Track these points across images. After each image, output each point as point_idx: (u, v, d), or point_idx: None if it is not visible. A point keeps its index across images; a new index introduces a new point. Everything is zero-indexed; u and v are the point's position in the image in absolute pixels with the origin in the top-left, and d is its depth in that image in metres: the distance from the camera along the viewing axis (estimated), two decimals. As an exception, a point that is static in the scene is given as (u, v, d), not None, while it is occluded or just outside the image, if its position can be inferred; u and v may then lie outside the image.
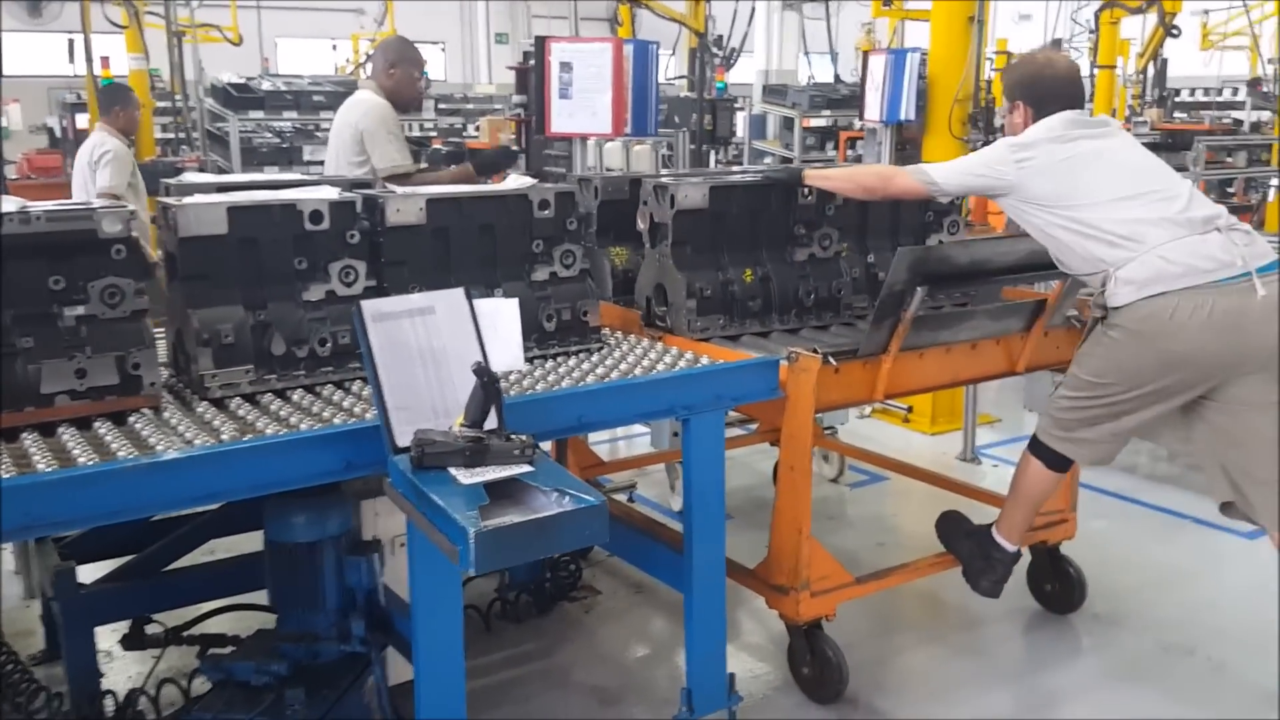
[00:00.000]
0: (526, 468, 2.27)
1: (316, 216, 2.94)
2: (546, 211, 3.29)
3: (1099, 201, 3.16)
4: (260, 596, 3.33)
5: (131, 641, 3.15)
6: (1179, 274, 3.02)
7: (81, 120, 9.02)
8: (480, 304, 2.54)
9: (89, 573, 3.29)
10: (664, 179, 3.61)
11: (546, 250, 3.31)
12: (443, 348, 2.47)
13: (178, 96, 8.54)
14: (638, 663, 3.80)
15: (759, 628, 3.91)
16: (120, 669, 3.55)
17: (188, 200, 2.86)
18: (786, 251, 3.70)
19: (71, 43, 11.67)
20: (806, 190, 3.66)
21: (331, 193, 3.04)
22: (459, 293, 2.54)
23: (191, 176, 3.62)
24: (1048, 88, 3.38)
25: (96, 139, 6.46)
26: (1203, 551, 4.66)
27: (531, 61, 4.76)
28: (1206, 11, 17.30)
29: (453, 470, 2.24)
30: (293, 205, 2.93)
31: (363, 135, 4.44)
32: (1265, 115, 12.26)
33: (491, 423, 2.33)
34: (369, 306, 2.41)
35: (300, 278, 2.95)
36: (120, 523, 2.37)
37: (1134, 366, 3.13)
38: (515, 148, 5.23)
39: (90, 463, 2.29)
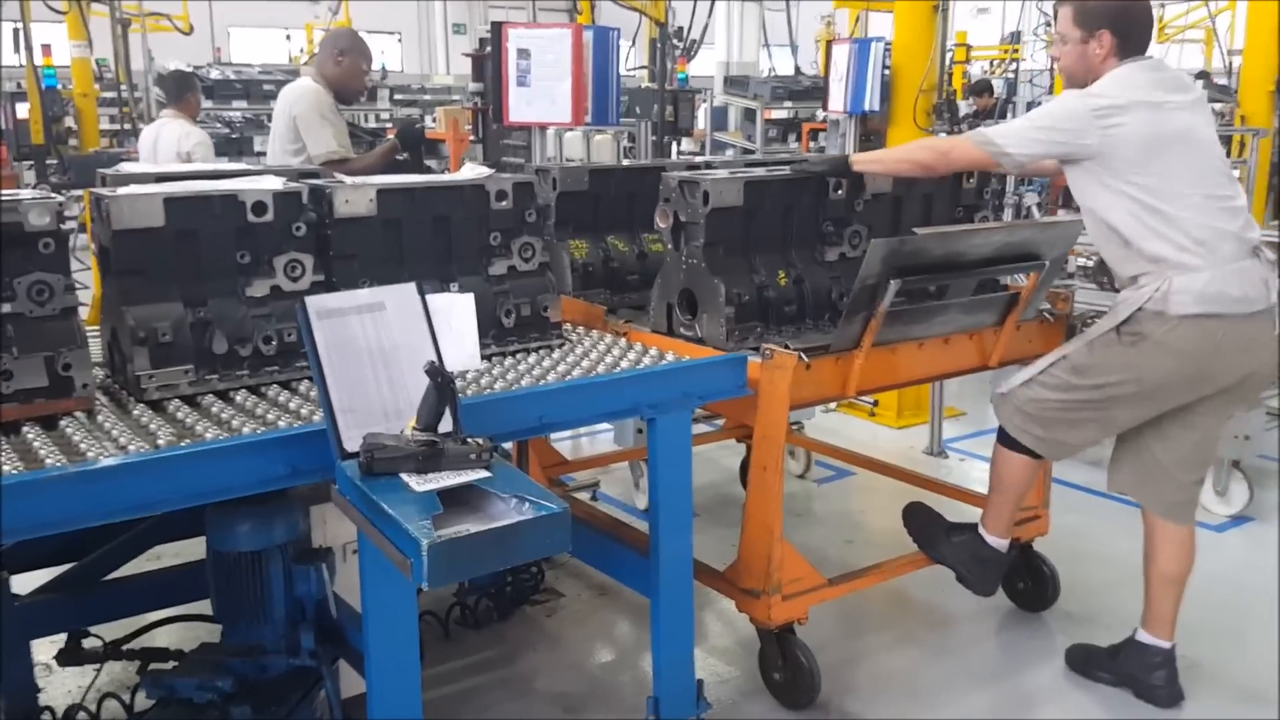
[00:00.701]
0: (483, 473, 2.14)
1: (260, 208, 2.78)
2: (504, 203, 3.16)
3: (1184, 194, 2.95)
4: (205, 606, 3.19)
5: (68, 657, 2.98)
6: (1237, 299, 2.95)
7: (22, 110, 8.73)
8: (434, 299, 2.41)
9: (23, 583, 3.12)
10: (688, 174, 3.32)
11: (504, 243, 3.17)
12: (394, 346, 2.34)
13: (123, 86, 8.26)
14: (603, 668, 3.69)
15: (726, 630, 3.81)
16: (59, 683, 3.38)
17: (122, 191, 2.70)
18: (816, 251, 3.46)
19: (16, 32, 11.36)
20: (835, 184, 3.42)
21: (276, 183, 2.90)
22: (410, 288, 2.40)
23: (129, 166, 3.45)
24: (1137, 20, 3.09)
25: (180, 128, 6.24)
26: (1172, 545, 4.60)
27: (488, 49, 4.63)
28: (1163, 5, 17.43)
29: (404, 477, 2.11)
30: (234, 196, 2.77)
31: (296, 121, 4.34)
32: (1216, 106, 12.32)
33: (446, 425, 2.21)
34: (314, 302, 2.27)
35: (243, 272, 2.79)
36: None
37: (1158, 380, 3.03)
38: (472, 138, 5.12)
39: (16, 471, 2.13)
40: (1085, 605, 3.97)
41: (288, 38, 20.54)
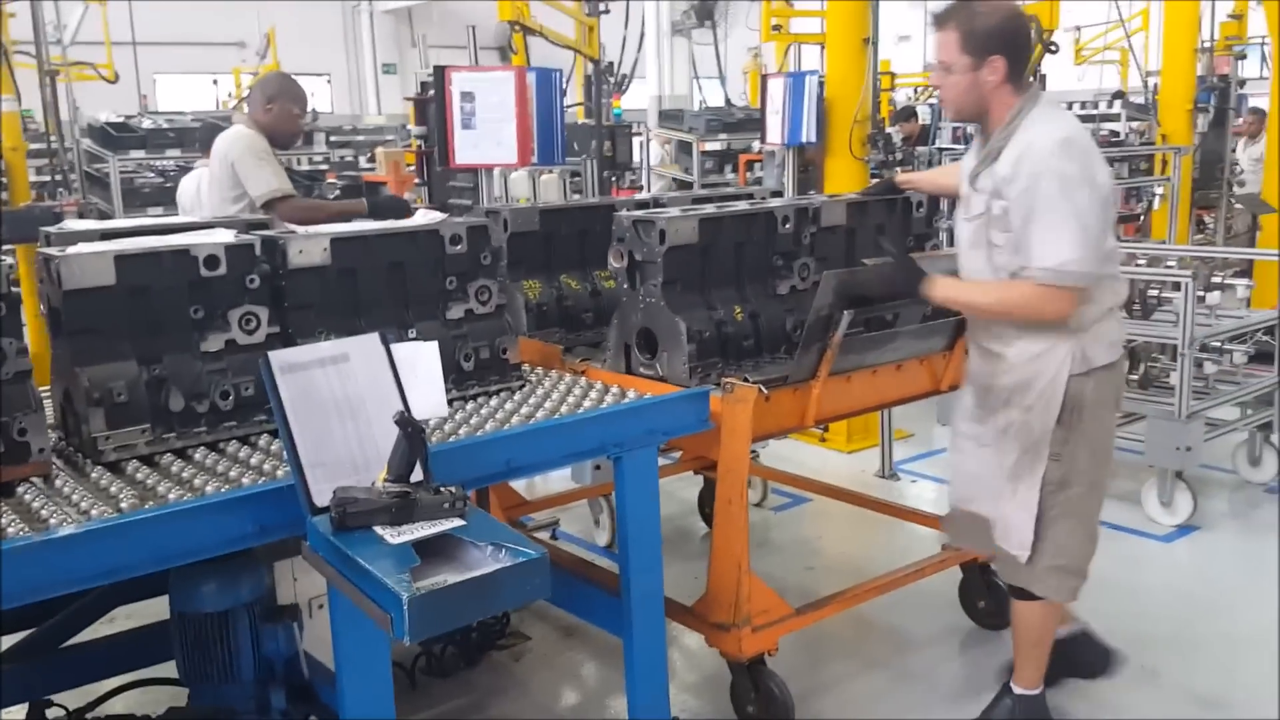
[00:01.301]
0: (458, 522, 2.13)
1: (212, 262, 2.75)
2: (459, 246, 3.16)
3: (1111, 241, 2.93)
4: (170, 668, 3.12)
5: (27, 730, 2.90)
6: (1124, 339, 3.05)
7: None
8: (398, 349, 2.39)
9: (-25, 656, 3.03)
10: (642, 213, 3.35)
11: (460, 287, 3.17)
12: (359, 397, 2.32)
13: (53, 138, 8.12)
14: (574, 711, 3.66)
15: (691, 665, 3.81)
16: (14, 758, 3.27)
17: (71, 250, 2.66)
18: (768, 284, 3.47)
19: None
20: (783, 218, 3.42)
21: (227, 235, 2.87)
22: (374, 338, 2.39)
23: (73, 224, 3.39)
24: (1027, 42, 2.93)
25: None
26: (1121, 556, 4.70)
27: (430, 92, 4.63)
28: (1079, 28, 17.95)
29: (378, 529, 2.10)
30: (186, 251, 2.74)
31: (233, 166, 4.31)
32: (1134, 125, 12.71)
33: (417, 475, 2.19)
34: (277, 358, 2.25)
35: (197, 327, 2.76)
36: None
37: (1103, 439, 3.05)
38: (417, 180, 5.10)
39: (-26, 543, 2.07)
40: (1044, 621, 4.02)
41: (215, 83, 20.28)
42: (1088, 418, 2.93)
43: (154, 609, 3.31)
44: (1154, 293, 5.03)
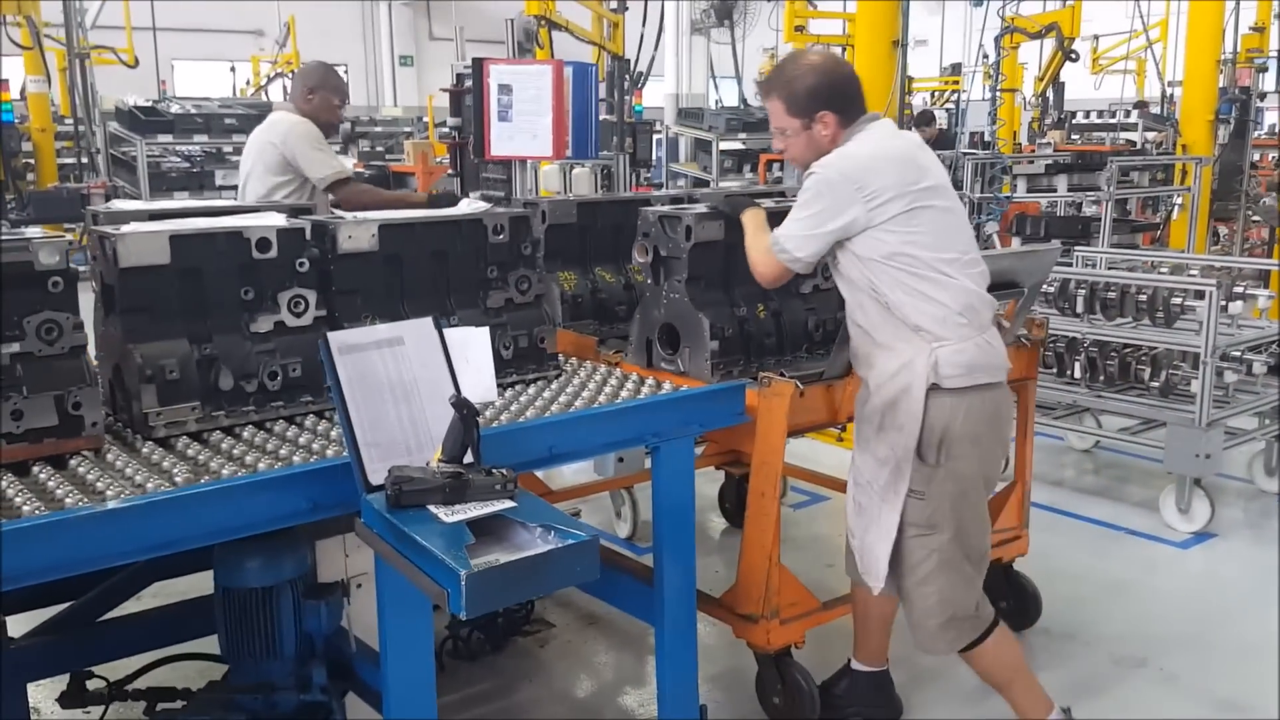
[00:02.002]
0: (509, 503, 2.18)
1: (264, 244, 2.80)
2: (501, 236, 3.20)
3: (946, 258, 2.84)
4: (202, 644, 3.16)
5: (71, 699, 2.94)
6: (998, 366, 2.92)
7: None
8: (450, 334, 2.44)
9: (17, 624, 3.08)
10: (669, 209, 3.35)
11: (501, 276, 3.22)
12: (413, 379, 2.36)
13: (70, 119, 8.17)
14: (598, 698, 3.70)
15: (708, 658, 3.84)
16: (49, 728, 3.33)
17: (126, 229, 2.71)
18: (792, 283, 3.37)
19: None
20: None
21: (279, 219, 2.91)
22: (428, 322, 2.43)
23: (120, 204, 3.44)
24: (849, 87, 2.95)
25: None
26: (1139, 561, 4.75)
27: (466, 84, 4.68)
28: (1097, 37, 17.98)
29: (432, 508, 2.14)
30: (239, 233, 2.79)
31: (286, 154, 4.35)
32: (1150, 135, 12.76)
33: (468, 458, 2.24)
34: (336, 339, 2.29)
35: (247, 309, 2.81)
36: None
37: (978, 475, 2.96)
38: (449, 171, 5.15)
39: (37, 512, 2.12)
40: (1062, 622, 4.06)
41: (232, 70, 20.38)
42: (956, 453, 2.84)
43: (178, 588, 3.38)
44: (1177, 301, 5.06)
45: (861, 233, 2.82)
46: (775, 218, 3.09)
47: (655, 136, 11.49)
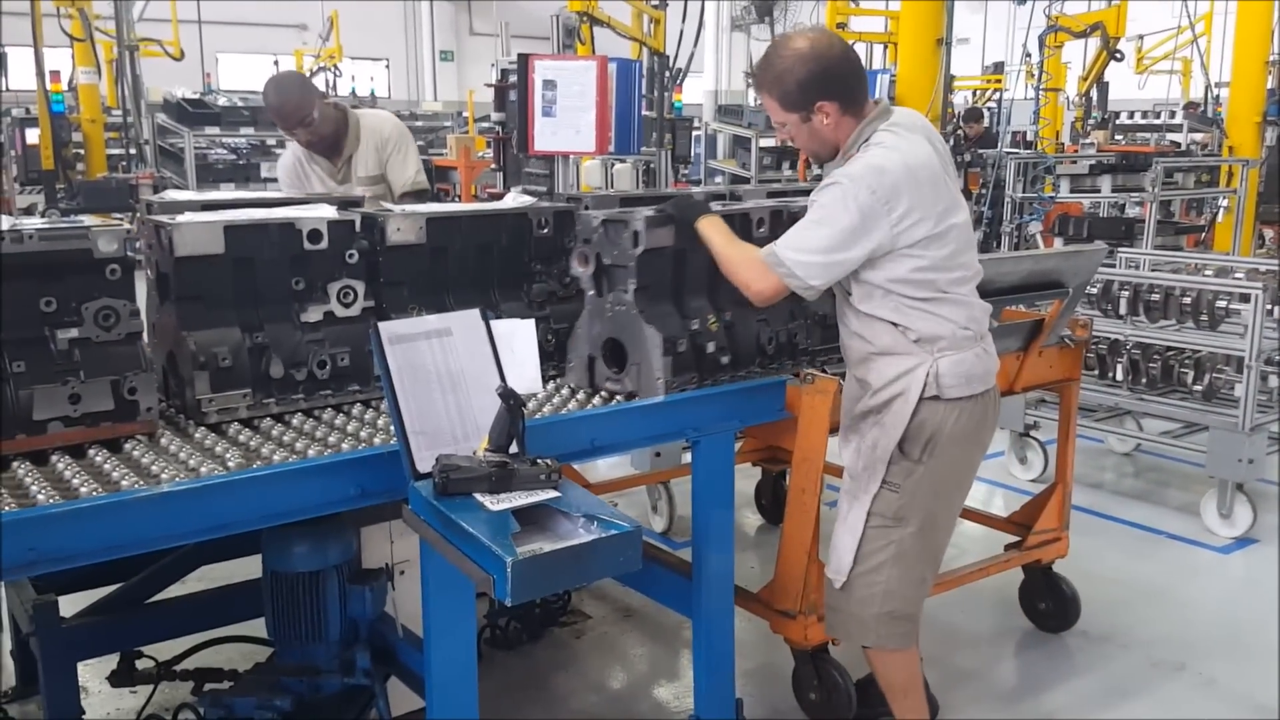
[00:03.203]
0: (553, 493, 2.21)
1: (315, 235, 2.85)
2: (545, 230, 3.24)
3: (957, 276, 2.74)
4: (244, 627, 3.23)
5: (120, 678, 3.01)
6: (992, 372, 2.85)
7: (32, 135, 8.73)
8: (497, 325, 2.47)
9: (67, 605, 3.15)
10: (614, 212, 3.06)
11: (545, 269, 3.25)
12: (460, 370, 2.40)
13: (118, 110, 8.29)
14: (634, 690, 3.73)
15: (752, 651, 3.86)
16: (98, 705, 3.40)
17: (182, 218, 2.76)
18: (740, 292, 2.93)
19: (3, 55, 11.35)
20: (759, 221, 3.17)
21: (330, 211, 2.96)
22: (475, 314, 2.47)
23: (174, 194, 3.50)
24: (846, 72, 2.72)
25: None
26: (1178, 566, 4.71)
27: (511, 79, 4.72)
28: (1141, 36, 17.76)
29: (478, 496, 2.18)
30: (291, 224, 2.84)
31: (390, 150, 4.32)
32: (1196, 136, 12.62)
33: (513, 447, 2.27)
34: (386, 329, 2.33)
35: (297, 298, 2.86)
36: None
37: (957, 476, 2.90)
38: (492, 166, 5.19)
39: (94, 494, 2.18)
40: (1101, 625, 4.04)
41: (275, 64, 20.55)
42: (941, 453, 2.76)
43: (221, 572, 3.45)
44: (1222, 304, 5.01)
45: (882, 256, 2.65)
46: (730, 222, 2.95)
47: (694, 133, 11.51)
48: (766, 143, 11.68)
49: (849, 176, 2.62)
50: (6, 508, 2.08)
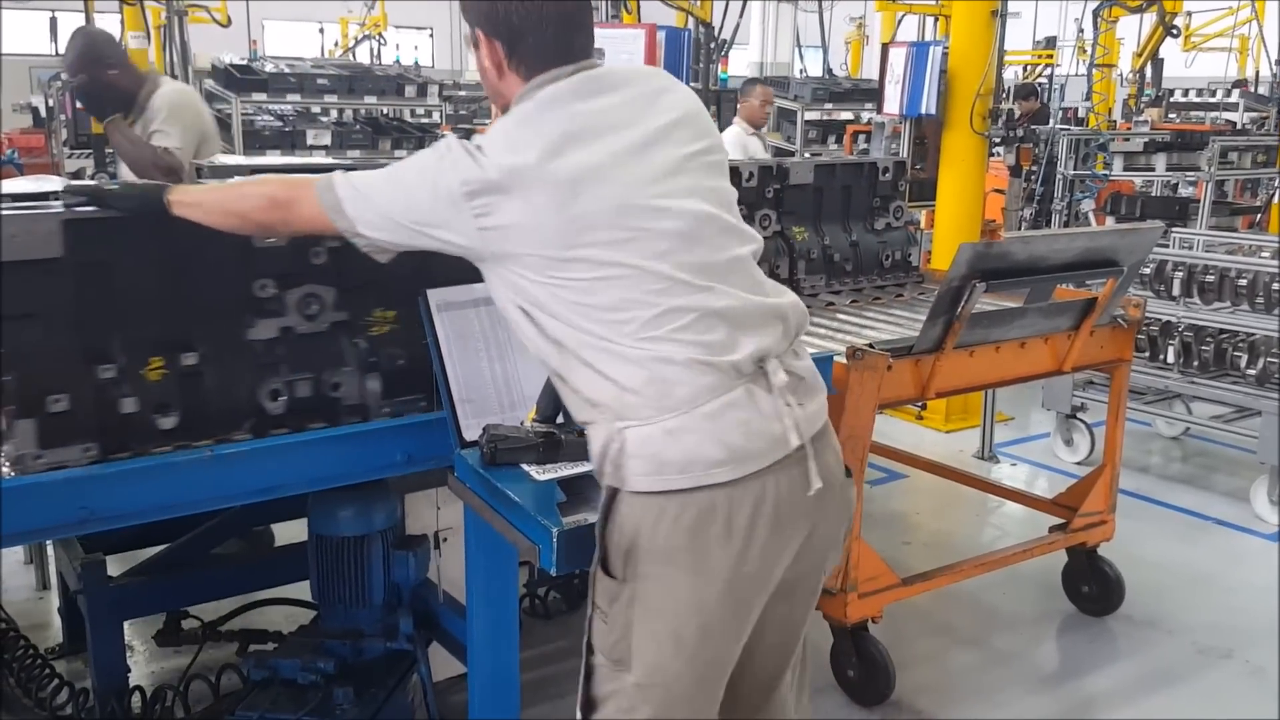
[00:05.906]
0: (599, 464, 2.20)
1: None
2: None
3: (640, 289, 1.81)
4: (290, 590, 3.26)
5: (166, 637, 3.05)
6: (721, 459, 1.80)
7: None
8: (546, 294, 2.45)
9: (114, 564, 3.19)
10: None
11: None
12: (507, 339, 2.40)
13: (172, 78, 8.36)
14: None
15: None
16: (143, 663, 3.45)
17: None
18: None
19: (54, 20, 11.44)
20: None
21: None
22: (523, 282, 2.45)
23: (224, 159, 3.52)
24: (526, 21, 1.87)
25: (734, 134, 6.78)
26: (1226, 552, 4.64)
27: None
28: (1189, 14, 17.36)
29: (525, 466, 2.17)
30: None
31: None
32: (1251, 116, 12.35)
33: (559, 418, 2.26)
34: (435, 295, 2.33)
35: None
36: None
37: (681, 617, 1.85)
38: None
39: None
40: (1145, 610, 3.99)
41: (321, 31, 20.66)
42: (645, 573, 1.85)
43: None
44: (1278, 286, 4.91)
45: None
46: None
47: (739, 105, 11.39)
48: (812, 116, 11.56)
49: (437, 142, 1.96)
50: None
